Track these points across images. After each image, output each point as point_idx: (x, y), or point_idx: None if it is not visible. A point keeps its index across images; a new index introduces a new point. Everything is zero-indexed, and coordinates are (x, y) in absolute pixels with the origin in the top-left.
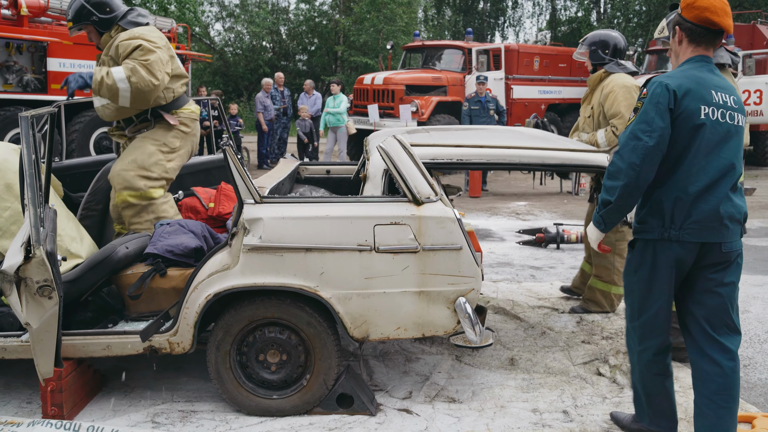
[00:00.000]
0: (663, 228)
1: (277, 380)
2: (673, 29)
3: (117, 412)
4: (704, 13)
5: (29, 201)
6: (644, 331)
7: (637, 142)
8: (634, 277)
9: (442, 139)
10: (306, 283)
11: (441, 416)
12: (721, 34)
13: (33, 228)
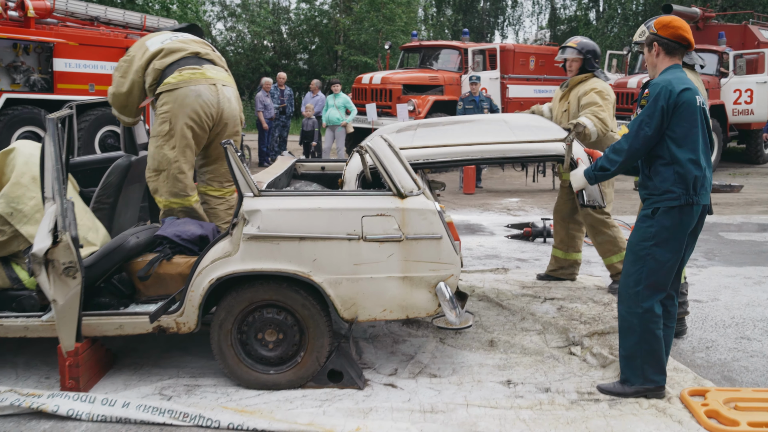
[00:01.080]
0: (687, 195)
1: (274, 357)
2: (650, 45)
3: (128, 386)
4: (678, 31)
5: (56, 192)
6: (655, 289)
7: (641, 131)
8: (649, 242)
9: (425, 137)
10: (300, 269)
11: (423, 389)
12: (688, 47)
13: (60, 216)
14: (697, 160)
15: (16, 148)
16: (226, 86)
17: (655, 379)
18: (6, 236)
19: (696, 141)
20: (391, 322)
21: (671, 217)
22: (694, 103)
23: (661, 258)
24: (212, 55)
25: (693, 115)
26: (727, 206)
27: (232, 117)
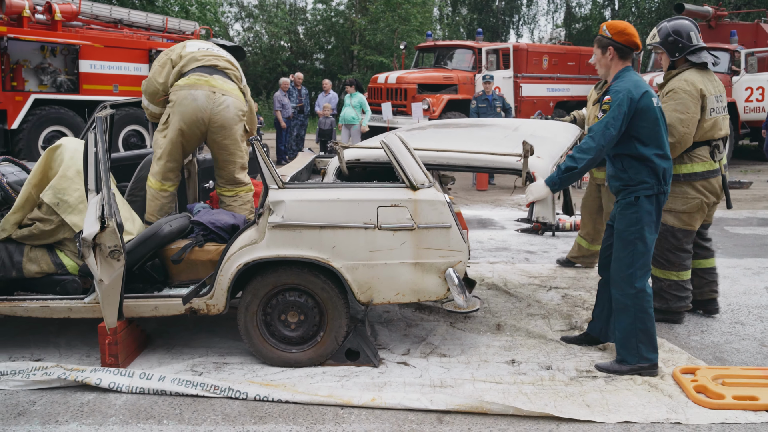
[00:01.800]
0: (659, 185)
1: (296, 337)
2: (604, 48)
3: (162, 363)
4: (631, 38)
5: (104, 183)
6: (645, 269)
7: (606, 131)
8: (637, 227)
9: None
10: (320, 255)
11: (433, 367)
12: (638, 50)
13: (107, 204)
14: (664, 153)
15: (62, 144)
16: (226, 95)
17: (649, 357)
18: (53, 225)
19: (660, 137)
20: (404, 305)
21: (650, 203)
22: (653, 105)
23: (648, 240)
24: (231, 72)
25: (653, 116)
26: (735, 202)
27: (224, 123)
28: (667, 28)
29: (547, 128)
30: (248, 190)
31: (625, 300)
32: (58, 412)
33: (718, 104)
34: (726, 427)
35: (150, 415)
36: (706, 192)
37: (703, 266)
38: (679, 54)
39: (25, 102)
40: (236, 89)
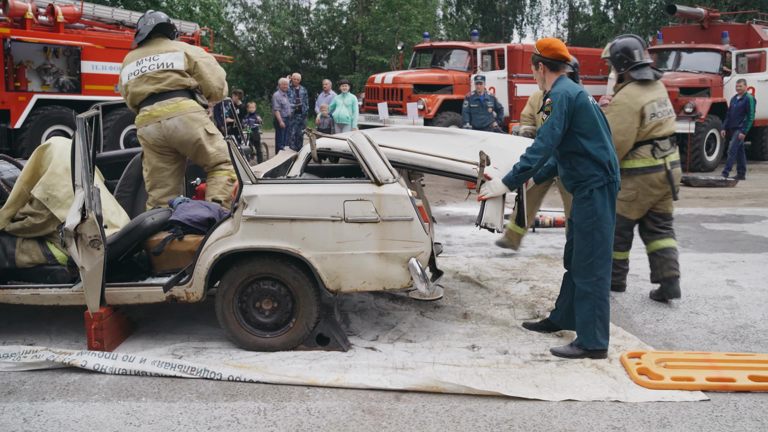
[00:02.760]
0: (607, 175)
1: (270, 323)
2: (536, 64)
3: (145, 348)
4: (557, 51)
5: (84, 179)
6: (605, 258)
7: (553, 131)
8: (593, 218)
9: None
10: (291, 246)
11: (399, 352)
12: (566, 61)
13: (87, 197)
14: (606, 146)
15: (51, 143)
16: (171, 118)
17: (602, 342)
18: (43, 219)
19: (600, 131)
20: (378, 296)
21: (602, 195)
22: (589, 103)
23: (605, 229)
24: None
25: (591, 112)
26: (717, 199)
27: (182, 141)
28: (617, 46)
29: (513, 142)
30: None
31: (585, 288)
32: (46, 390)
33: (660, 109)
34: (661, 404)
35: (130, 393)
36: (645, 185)
37: (660, 246)
38: (624, 69)
39: (28, 102)
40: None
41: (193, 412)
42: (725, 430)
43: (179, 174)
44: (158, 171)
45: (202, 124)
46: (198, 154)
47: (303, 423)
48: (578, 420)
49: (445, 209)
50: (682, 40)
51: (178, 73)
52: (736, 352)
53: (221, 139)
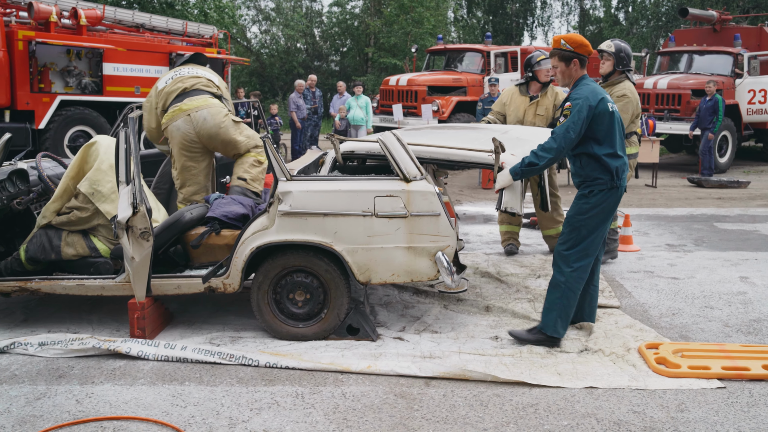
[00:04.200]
0: (612, 180)
1: (303, 313)
2: (569, 61)
3: (183, 337)
4: (588, 48)
5: (135, 175)
6: (584, 254)
7: (567, 134)
8: (585, 216)
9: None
10: (324, 240)
11: (425, 342)
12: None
13: (138, 192)
14: (615, 152)
15: (97, 141)
16: (199, 111)
17: (560, 331)
18: (89, 212)
19: (613, 138)
20: (403, 290)
21: (601, 198)
22: (608, 110)
23: (592, 228)
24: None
25: (607, 119)
26: (730, 200)
27: (210, 132)
28: (621, 46)
29: (534, 133)
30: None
31: (559, 277)
32: (94, 375)
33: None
34: (679, 391)
35: (174, 378)
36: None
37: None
38: (622, 67)
39: (51, 103)
40: (206, 98)
41: (234, 395)
42: (740, 415)
43: (208, 171)
44: (187, 169)
45: (227, 116)
46: (228, 145)
47: (339, 406)
48: (600, 405)
49: (461, 208)
50: (694, 42)
51: (210, 81)
52: (750, 344)
53: (248, 128)
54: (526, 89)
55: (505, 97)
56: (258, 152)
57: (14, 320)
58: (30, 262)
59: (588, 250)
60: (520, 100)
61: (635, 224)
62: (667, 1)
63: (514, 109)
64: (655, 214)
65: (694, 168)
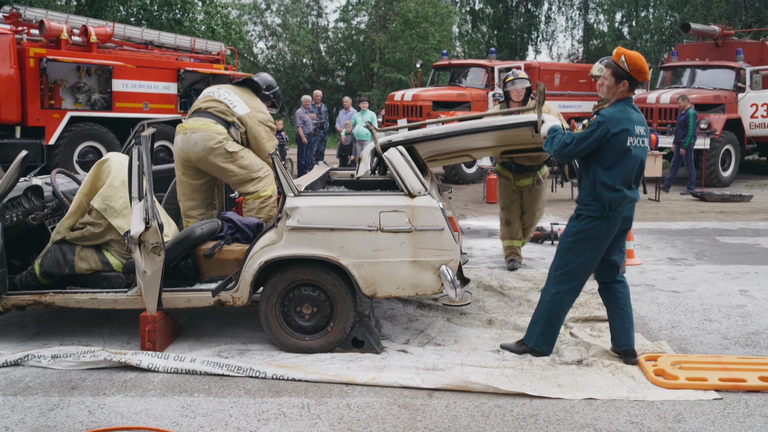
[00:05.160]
0: (603, 210)
1: (309, 326)
2: (620, 79)
3: (192, 350)
4: (646, 76)
5: (148, 191)
6: (570, 277)
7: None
8: (572, 238)
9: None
10: (331, 254)
11: (428, 354)
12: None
13: (150, 208)
14: (613, 186)
15: (109, 158)
16: (195, 132)
17: (544, 349)
18: (101, 228)
19: (618, 172)
20: (407, 303)
21: (590, 224)
22: (624, 143)
23: (578, 253)
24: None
25: (621, 152)
26: (732, 213)
27: (198, 157)
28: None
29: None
30: (254, 198)
31: (545, 295)
32: (105, 386)
33: None
34: (677, 403)
35: (183, 389)
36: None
37: None
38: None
39: (61, 119)
40: (207, 122)
41: (242, 406)
42: (736, 426)
43: (205, 190)
44: (182, 184)
45: (220, 144)
46: (218, 172)
47: (344, 417)
48: (599, 415)
49: (465, 223)
50: (697, 57)
51: (228, 107)
52: (748, 356)
53: (246, 158)
54: (507, 106)
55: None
56: (257, 185)
57: (27, 333)
58: (44, 276)
59: (574, 274)
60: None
61: (637, 238)
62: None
63: None
64: (657, 228)
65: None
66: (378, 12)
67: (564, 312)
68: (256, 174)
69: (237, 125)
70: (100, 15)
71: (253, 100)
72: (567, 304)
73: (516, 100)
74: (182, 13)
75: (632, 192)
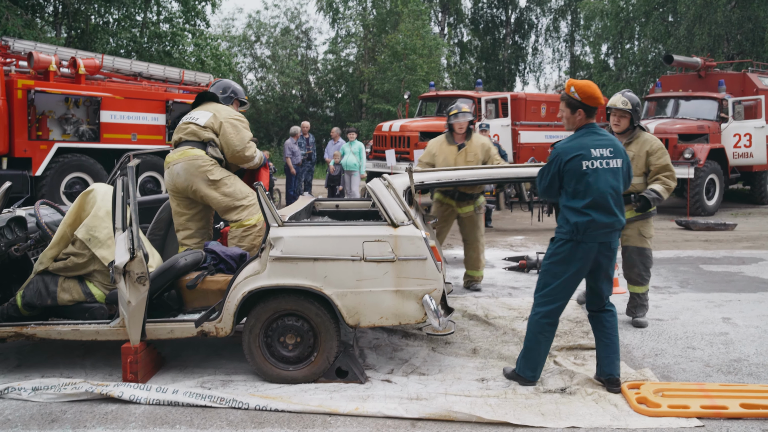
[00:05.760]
0: (573, 234)
1: (293, 357)
2: (575, 109)
3: (175, 381)
4: (599, 101)
5: (134, 221)
6: (548, 299)
7: (542, 180)
8: (547, 261)
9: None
10: (314, 284)
11: (413, 384)
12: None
13: (135, 238)
14: (579, 209)
15: (94, 188)
16: (177, 164)
17: (527, 374)
18: (85, 258)
19: (581, 195)
20: (392, 333)
21: (562, 246)
22: (580, 168)
23: (555, 275)
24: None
25: (578, 176)
26: (716, 242)
27: (183, 186)
28: (636, 99)
29: None
30: (237, 226)
31: (530, 317)
32: (86, 419)
33: None
34: (659, 430)
35: (165, 421)
36: None
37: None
38: (638, 120)
39: (49, 150)
40: (185, 150)
41: None
42: None
43: (200, 218)
44: (177, 215)
45: (201, 171)
46: (204, 200)
47: None
48: None
49: (451, 252)
50: (680, 88)
51: (196, 125)
52: (730, 383)
53: (231, 185)
54: (452, 138)
55: (434, 148)
56: (240, 214)
57: (8, 366)
58: (26, 308)
59: (551, 296)
60: (448, 150)
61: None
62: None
63: (444, 159)
64: None
65: (683, 211)
66: (367, 44)
67: (544, 336)
68: (239, 202)
69: (212, 142)
70: (89, 47)
71: (214, 105)
72: (546, 328)
73: (459, 132)
74: (172, 45)
75: (607, 217)
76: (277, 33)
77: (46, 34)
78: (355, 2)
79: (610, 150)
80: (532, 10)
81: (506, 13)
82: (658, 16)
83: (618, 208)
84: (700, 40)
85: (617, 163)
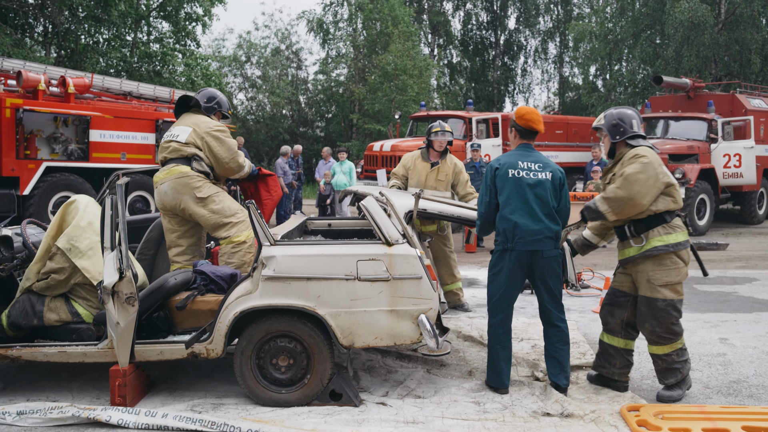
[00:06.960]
0: (505, 242)
1: (286, 379)
2: (511, 129)
3: (165, 404)
4: (530, 123)
5: (123, 240)
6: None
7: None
8: (490, 272)
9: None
10: (307, 304)
11: (408, 407)
12: (537, 133)
13: (124, 258)
14: (506, 216)
15: (76, 199)
16: (163, 183)
17: (494, 382)
18: (66, 273)
19: (506, 199)
20: (386, 354)
21: (497, 256)
22: (507, 174)
23: (494, 285)
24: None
25: (505, 180)
26: (709, 262)
27: (172, 204)
28: (612, 114)
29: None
30: (227, 243)
31: (487, 328)
32: None
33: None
34: None
35: None
36: (687, 260)
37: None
38: (619, 137)
39: (37, 169)
40: (170, 168)
41: None
42: None
43: (191, 235)
44: (169, 231)
45: (189, 189)
46: (193, 217)
47: None
48: None
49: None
50: (670, 108)
51: (177, 142)
52: (730, 405)
53: (219, 202)
54: (427, 156)
55: (409, 162)
56: (229, 231)
57: None
58: (11, 328)
59: (497, 307)
60: (422, 166)
61: None
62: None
63: (417, 174)
64: None
65: None
66: (357, 64)
67: (501, 345)
68: (228, 219)
69: (197, 156)
70: (79, 66)
71: (193, 118)
72: (502, 338)
73: (437, 150)
74: (162, 65)
75: (534, 224)
76: (268, 53)
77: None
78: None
79: (538, 165)
80: (521, 32)
81: (495, 35)
82: (646, 38)
83: (548, 218)
84: (689, 62)
85: (545, 175)
